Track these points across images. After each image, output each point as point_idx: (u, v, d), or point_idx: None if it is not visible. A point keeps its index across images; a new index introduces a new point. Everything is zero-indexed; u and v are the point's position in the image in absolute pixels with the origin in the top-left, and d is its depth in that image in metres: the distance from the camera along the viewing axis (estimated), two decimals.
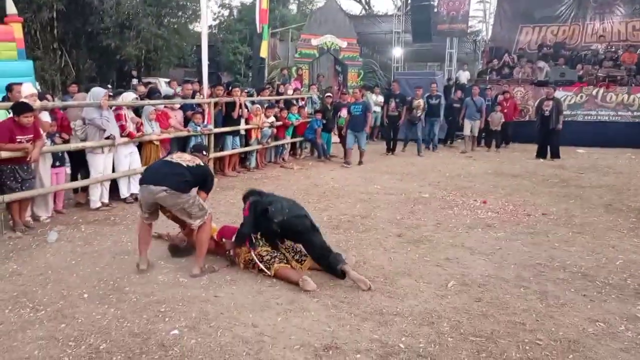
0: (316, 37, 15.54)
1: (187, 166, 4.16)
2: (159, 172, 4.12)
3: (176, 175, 4.06)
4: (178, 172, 4.09)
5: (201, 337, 3.11)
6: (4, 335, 3.12)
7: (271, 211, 4.24)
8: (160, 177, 4.04)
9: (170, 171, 4.09)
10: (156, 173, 4.14)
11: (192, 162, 4.24)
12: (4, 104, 5.33)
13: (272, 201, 4.36)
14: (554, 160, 10.93)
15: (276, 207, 4.29)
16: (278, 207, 4.30)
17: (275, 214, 4.23)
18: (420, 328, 3.29)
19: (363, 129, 10.15)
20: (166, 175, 4.05)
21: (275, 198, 4.47)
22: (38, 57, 16.85)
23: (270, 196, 4.52)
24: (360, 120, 10.07)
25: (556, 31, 17.12)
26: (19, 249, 4.82)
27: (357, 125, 10.09)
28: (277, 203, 4.35)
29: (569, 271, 4.38)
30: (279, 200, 4.42)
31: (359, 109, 10.07)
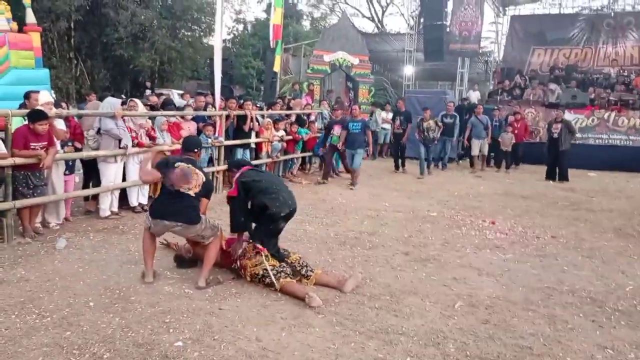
0: (328, 53, 15.68)
1: (195, 195, 4.22)
2: (171, 207, 4.15)
3: (189, 209, 4.15)
4: (191, 205, 4.17)
5: (204, 350, 3.10)
6: (9, 340, 3.13)
7: (276, 207, 4.30)
8: (173, 212, 4.12)
9: (183, 205, 4.14)
10: (168, 207, 4.16)
11: (197, 186, 4.24)
12: (21, 111, 5.41)
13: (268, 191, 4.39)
14: (563, 183, 10.86)
15: (279, 200, 4.36)
16: (281, 200, 4.38)
17: (281, 208, 4.33)
18: (425, 349, 3.25)
19: (360, 147, 9.64)
20: (180, 210, 4.12)
21: (270, 185, 4.49)
22: (54, 65, 17.17)
23: (262, 181, 4.49)
24: (358, 139, 9.62)
25: (568, 54, 17.15)
26: (27, 254, 4.85)
27: (354, 143, 9.59)
28: (276, 194, 4.40)
29: (577, 295, 4.33)
30: (276, 190, 4.46)
31: (358, 126, 9.65)
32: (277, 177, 4.85)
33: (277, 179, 4.90)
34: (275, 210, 4.31)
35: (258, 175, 4.61)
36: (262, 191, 4.38)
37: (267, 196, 4.35)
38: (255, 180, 4.44)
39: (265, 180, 4.53)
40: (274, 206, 4.31)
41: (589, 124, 13.62)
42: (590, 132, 13.59)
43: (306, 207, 7.49)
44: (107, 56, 20.18)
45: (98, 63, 20.36)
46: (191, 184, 4.20)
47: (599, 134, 13.58)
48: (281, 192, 4.49)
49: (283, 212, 4.36)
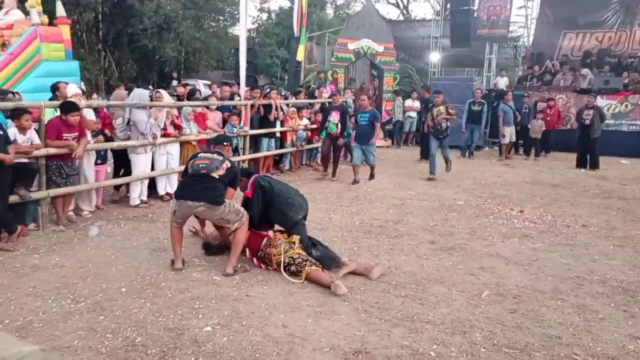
0: (353, 41, 15.52)
1: (219, 177, 4.28)
2: (195, 188, 4.24)
3: (211, 190, 4.21)
4: (213, 186, 4.23)
5: (233, 335, 3.16)
6: (46, 324, 3.26)
7: (292, 211, 4.52)
8: (197, 193, 4.21)
9: (205, 186, 4.22)
10: (192, 188, 4.26)
11: (223, 169, 4.32)
12: (53, 103, 5.56)
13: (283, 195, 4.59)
14: (594, 171, 10.58)
15: (294, 205, 4.57)
16: (297, 204, 4.59)
17: (298, 212, 4.54)
18: (452, 337, 3.24)
19: (370, 141, 8.65)
20: (203, 191, 4.20)
21: (285, 191, 4.71)
22: (83, 57, 17.50)
23: (276, 186, 4.71)
24: (367, 131, 8.62)
25: (601, 37, 16.56)
26: (61, 242, 5.02)
27: (364, 137, 8.61)
28: (291, 199, 4.61)
29: (609, 285, 4.24)
30: (291, 195, 4.67)
31: (365, 117, 8.62)
32: (286, 185, 5.07)
33: (288, 185, 5.07)
34: (292, 215, 4.52)
35: (271, 181, 4.80)
36: (278, 195, 4.58)
37: (282, 200, 4.57)
38: (270, 184, 4.65)
39: (280, 186, 4.76)
40: (290, 211, 4.53)
41: (622, 110, 13.18)
42: (624, 119, 13.15)
43: (331, 195, 7.51)
44: (134, 47, 20.46)
45: (125, 54, 20.67)
46: (213, 165, 4.29)
47: (633, 120, 13.12)
48: (295, 197, 4.71)
49: (300, 215, 4.57)
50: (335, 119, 8.77)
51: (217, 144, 4.81)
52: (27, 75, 8.65)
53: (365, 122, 8.63)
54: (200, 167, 4.28)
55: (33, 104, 5.38)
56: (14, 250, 4.63)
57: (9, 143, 4.70)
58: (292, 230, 4.52)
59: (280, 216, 4.59)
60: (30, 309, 3.46)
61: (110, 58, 20.03)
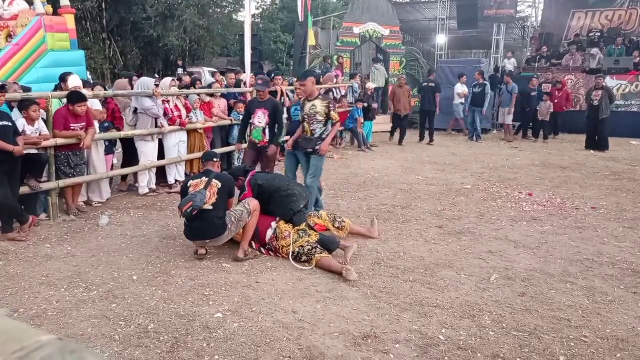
0: (358, 25, 15.38)
1: (212, 206, 4.21)
2: (195, 227, 4.25)
3: (210, 225, 4.21)
4: (210, 220, 4.20)
5: (243, 321, 3.20)
6: (60, 312, 3.31)
7: (295, 202, 4.57)
8: (200, 233, 4.26)
9: (204, 224, 4.20)
10: (194, 229, 4.27)
11: (214, 196, 4.25)
12: (60, 93, 5.58)
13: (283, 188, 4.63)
14: (604, 152, 10.48)
15: (295, 195, 4.62)
16: (297, 194, 4.64)
17: (299, 202, 4.61)
18: (461, 321, 3.26)
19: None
20: (204, 230, 4.23)
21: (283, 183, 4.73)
22: (88, 46, 17.48)
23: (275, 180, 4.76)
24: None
25: (611, 16, 16.27)
26: (72, 231, 5.07)
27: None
28: (291, 189, 4.65)
29: (618, 267, 4.23)
30: (290, 186, 4.70)
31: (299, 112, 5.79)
32: (284, 177, 5.09)
33: (285, 177, 5.10)
34: (292, 206, 4.56)
35: (267, 177, 4.82)
36: (277, 190, 4.62)
37: (282, 193, 4.60)
38: (267, 180, 4.69)
39: (278, 179, 4.80)
40: (291, 202, 4.56)
41: (633, 90, 13.00)
42: (634, 99, 12.99)
43: (338, 181, 7.52)
44: (138, 35, 20.40)
45: (130, 43, 20.60)
46: (198, 200, 4.18)
47: None
48: (294, 187, 4.74)
49: (301, 204, 4.62)
50: (262, 122, 5.82)
51: (206, 161, 4.81)
52: (33, 66, 8.68)
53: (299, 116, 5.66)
54: (189, 212, 4.14)
55: (40, 95, 5.40)
56: (27, 241, 4.70)
57: (18, 134, 4.73)
58: (294, 219, 4.54)
59: (281, 209, 4.59)
60: (44, 298, 3.51)
61: (115, 47, 19.99)
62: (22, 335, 0.52)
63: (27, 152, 4.87)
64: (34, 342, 0.50)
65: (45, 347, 0.50)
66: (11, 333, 0.52)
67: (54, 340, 0.51)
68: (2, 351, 0.49)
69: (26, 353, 0.48)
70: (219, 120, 7.79)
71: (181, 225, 4.57)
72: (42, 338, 0.51)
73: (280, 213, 4.60)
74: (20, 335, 0.52)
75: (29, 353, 0.48)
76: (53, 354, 0.48)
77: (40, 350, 0.49)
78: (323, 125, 5.25)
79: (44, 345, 0.50)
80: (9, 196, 4.62)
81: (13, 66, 8.49)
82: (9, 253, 4.40)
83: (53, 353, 0.49)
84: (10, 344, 0.50)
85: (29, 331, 0.54)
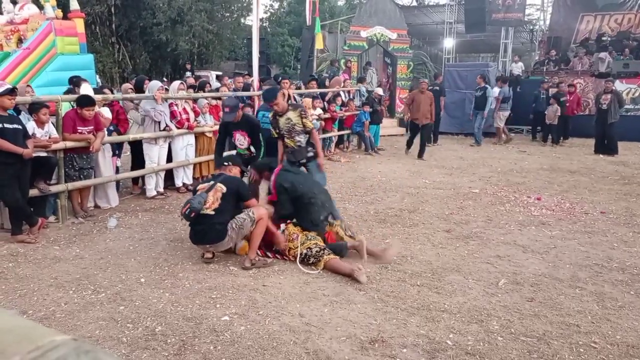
0: (365, 28, 15.40)
1: (214, 211, 4.19)
2: (197, 232, 4.27)
3: (210, 230, 4.20)
4: (209, 226, 4.18)
5: (250, 324, 3.20)
6: (68, 314, 3.33)
7: (315, 212, 4.47)
8: (201, 236, 4.26)
9: (204, 228, 4.20)
10: (195, 233, 4.28)
11: (216, 201, 4.22)
12: (69, 97, 5.62)
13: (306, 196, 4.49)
14: (613, 156, 10.40)
15: (317, 204, 4.49)
16: (319, 204, 4.50)
17: (320, 212, 4.48)
18: (468, 325, 3.24)
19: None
20: (203, 234, 4.23)
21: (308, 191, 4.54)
22: (97, 50, 17.65)
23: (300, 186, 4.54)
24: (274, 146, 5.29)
25: (620, 19, 16.17)
26: (81, 234, 5.10)
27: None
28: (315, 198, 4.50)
29: (628, 273, 4.18)
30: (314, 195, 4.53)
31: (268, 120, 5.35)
32: (311, 178, 4.89)
33: (313, 181, 4.82)
34: (315, 217, 4.46)
35: (293, 180, 4.58)
36: (300, 196, 4.49)
37: (305, 200, 4.48)
38: (293, 184, 4.51)
39: (303, 185, 4.56)
40: (312, 211, 4.46)
41: None
42: None
43: (345, 185, 7.51)
44: (147, 40, 20.57)
45: (138, 47, 20.78)
46: (196, 203, 4.18)
47: None
48: (319, 195, 4.58)
49: (322, 215, 4.50)
50: (243, 143, 5.48)
51: (219, 165, 4.76)
52: (43, 70, 8.77)
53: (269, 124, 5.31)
54: (188, 214, 4.17)
55: (50, 98, 5.45)
56: (35, 243, 4.73)
57: (28, 137, 4.78)
58: (311, 230, 4.46)
59: (302, 215, 4.51)
60: (52, 300, 3.53)
61: (124, 51, 20.15)
62: (36, 335, 0.52)
63: (37, 154, 4.92)
64: (49, 341, 0.51)
65: (60, 347, 0.50)
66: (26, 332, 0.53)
67: (68, 340, 0.52)
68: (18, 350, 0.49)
69: (42, 352, 0.49)
70: None
71: (188, 228, 4.58)
72: (56, 338, 0.52)
73: (299, 219, 4.53)
74: (35, 334, 0.52)
75: (44, 352, 0.49)
76: (68, 354, 0.49)
77: (55, 350, 0.49)
78: (305, 133, 5.12)
79: (59, 345, 0.50)
80: (19, 198, 4.66)
81: (23, 70, 8.58)
82: (18, 255, 4.43)
83: (68, 353, 0.49)
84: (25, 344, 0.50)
85: (44, 331, 0.54)
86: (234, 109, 5.21)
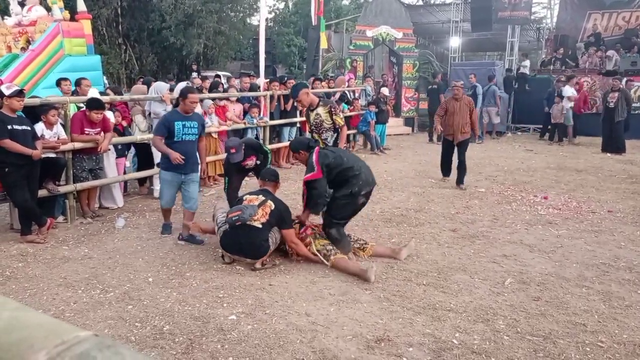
0: (371, 28, 15.38)
1: (262, 225, 4.13)
2: (236, 241, 4.15)
3: (254, 244, 4.10)
4: (254, 239, 4.09)
5: (257, 324, 3.22)
6: (77, 313, 3.37)
7: (359, 185, 4.25)
8: (240, 247, 4.15)
9: (248, 241, 4.10)
10: (234, 242, 4.16)
11: (265, 215, 4.16)
12: (76, 98, 5.68)
13: (352, 169, 4.28)
14: (621, 155, 10.34)
15: (361, 178, 4.27)
16: (363, 179, 4.29)
17: (363, 187, 4.29)
18: (474, 324, 3.25)
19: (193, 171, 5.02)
20: (245, 246, 4.12)
21: (353, 164, 4.33)
22: (104, 51, 17.76)
23: (345, 159, 4.33)
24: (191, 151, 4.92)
25: (628, 17, 16.03)
26: (89, 233, 5.15)
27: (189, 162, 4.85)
28: (359, 172, 4.29)
29: (635, 272, 4.17)
30: (359, 168, 4.32)
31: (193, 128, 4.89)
32: (352, 154, 4.78)
33: (354, 156, 4.64)
34: (357, 189, 4.27)
35: (336, 154, 4.41)
36: (345, 170, 4.29)
37: (350, 174, 4.29)
38: (336, 159, 4.32)
39: (347, 159, 4.39)
40: (356, 185, 4.26)
41: None
42: None
43: None
44: (154, 41, 20.67)
45: (146, 48, 20.88)
46: (246, 214, 4.11)
47: None
48: (362, 169, 4.38)
49: (364, 190, 4.32)
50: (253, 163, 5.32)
51: (267, 180, 4.60)
52: (50, 71, 8.84)
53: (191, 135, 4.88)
54: (234, 220, 4.11)
55: (59, 100, 5.50)
56: (45, 243, 4.78)
57: (37, 138, 4.83)
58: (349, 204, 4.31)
59: (342, 188, 4.30)
60: (61, 299, 3.58)
61: (131, 52, 20.26)
62: (61, 330, 0.55)
63: (46, 155, 4.97)
64: (74, 337, 0.53)
65: (83, 341, 0.53)
66: (52, 328, 0.55)
67: (90, 336, 0.55)
68: (45, 344, 0.52)
69: (67, 347, 0.51)
70: (233, 124, 7.85)
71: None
72: (80, 333, 0.55)
73: (338, 192, 4.32)
74: (60, 330, 0.55)
75: (70, 347, 0.51)
76: (91, 348, 0.51)
77: (79, 345, 0.52)
78: (333, 131, 5.11)
79: (82, 340, 0.53)
80: (28, 199, 4.71)
81: (32, 71, 8.67)
82: (27, 255, 4.48)
83: (91, 347, 0.52)
84: (51, 338, 0.53)
85: (67, 327, 0.57)
86: (240, 147, 5.17)
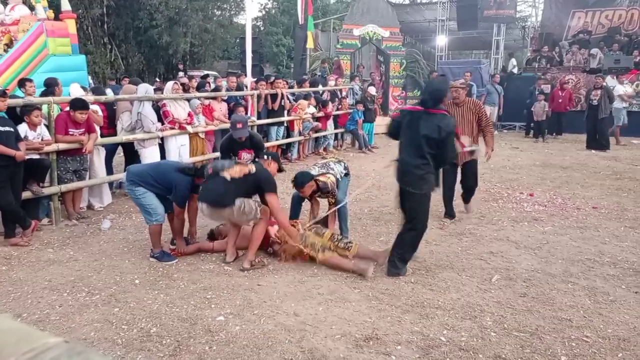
0: (358, 27, 15.41)
1: (232, 180, 4.13)
2: (208, 190, 4.19)
3: (220, 195, 4.11)
4: (221, 191, 4.10)
5: (245, 324, 3.21)
6: (63, 317, 3.32)
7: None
8: (208, 194, 4.16)
9: (216, 188, 4.13)
10: (206, 190, 4.20)
11: (239, 173, 4.15)
12: (60, 98, 5.60)
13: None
14: (605, 152, 10.48)
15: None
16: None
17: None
18: (462, 322, 3.27)
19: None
20: (210, 192, 4.15)
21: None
22: (90, 51, 17.57)
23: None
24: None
25: (611, 15, 16.26)
26: (75, 236, 5.09)
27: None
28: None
29: (620, 267, 4.23)
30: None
31: None
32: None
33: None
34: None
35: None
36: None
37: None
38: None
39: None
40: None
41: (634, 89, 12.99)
42: (635, 98, 12.96)
43: None
44: (141, 40, 20.48)
45: (132, 47, 20.69)
46: (219, 165, 4.15)
47: None
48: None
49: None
50: (248, 159, 5.13)
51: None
52: (34, 71, 8.71)
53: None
54: (206, 168, 4.15)
55: (43, 100, 5.43)
56: (29, 245, 4.71)
57: (20, 140, 4.76)
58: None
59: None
60: (47, 302, 3.53)
61: (117, 51, 20.06)
62: (31, 337, 0.54)
63: (29, 157, 4.90)
64: (43, 343, 0.52)
65: (53, 348, 0.52)
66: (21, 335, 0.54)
67: (60, 342, 0.54)
68: (13, 351, 0.51)
69: (35, 354, 0.51)
70: (220, 124, 7.81)
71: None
72: (49, 340, 0.53)
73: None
74: (29, 337, 0.54)
75: (38, 354, 0.51)
76: (60, 355, 0.51)
77: (48, 352, 0.51)
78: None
79: (52, 347, 0.52)
80: (12, 201, 4.64)
81: (15, 71, 8.52)
82: (11, 258, 4.41)
83: (61, 354, 0.51)
84: (21, 345, 0.52)
85: (37, 333, 0.56)
86: (246, 123, 5.12)
